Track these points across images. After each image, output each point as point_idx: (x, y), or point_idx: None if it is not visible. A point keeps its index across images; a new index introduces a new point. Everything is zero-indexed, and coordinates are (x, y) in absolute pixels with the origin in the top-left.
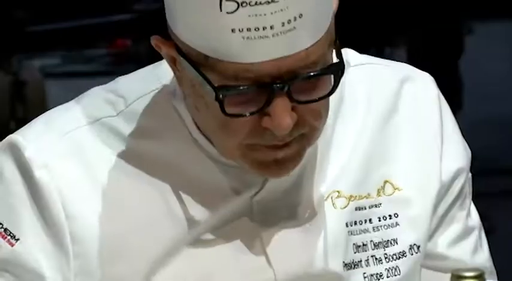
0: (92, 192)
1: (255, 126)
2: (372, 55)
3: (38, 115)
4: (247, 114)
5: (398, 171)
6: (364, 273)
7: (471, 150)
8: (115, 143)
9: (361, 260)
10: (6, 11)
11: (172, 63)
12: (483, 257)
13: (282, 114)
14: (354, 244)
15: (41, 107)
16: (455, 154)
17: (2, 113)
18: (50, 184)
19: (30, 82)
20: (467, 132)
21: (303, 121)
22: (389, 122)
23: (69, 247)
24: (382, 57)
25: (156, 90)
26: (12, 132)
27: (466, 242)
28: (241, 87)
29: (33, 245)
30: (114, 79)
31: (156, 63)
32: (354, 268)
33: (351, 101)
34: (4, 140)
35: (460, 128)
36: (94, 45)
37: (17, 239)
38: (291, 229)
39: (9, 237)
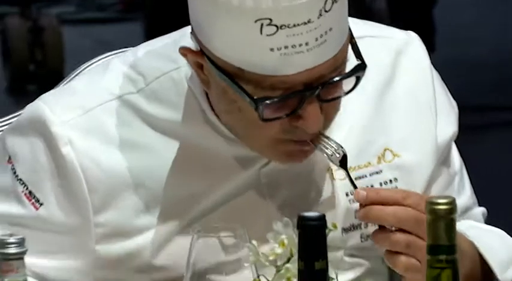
0: (117, 165)
1: (287, 126)
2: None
3: (55, 58)
4: (283, 116)
5: (397, 139)
6: (362, 234)
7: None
8: (135, 119)
9: (360, 223)
10: None
11: (198, 68)
12: (466, 197)
13: (315, 117)
14: (355, 210)
15: (58, 51)
16: (448, 120)
17: (22, 56)
18: (74, 160)
19: (47, 28)
20: (440, 73)
21: (327, 116)
22: (387, 94)
23: (91, 217)
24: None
25: (174, 71)
26: (31, 74)
27: (451, 188)
28: (276, 99)
29: (56, 213)
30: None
31: (174, 39)
32: (352, 231)
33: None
34: (32, 108)
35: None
36: None
37: (41, 204)
38: (294, 201)
39: (33, 200)
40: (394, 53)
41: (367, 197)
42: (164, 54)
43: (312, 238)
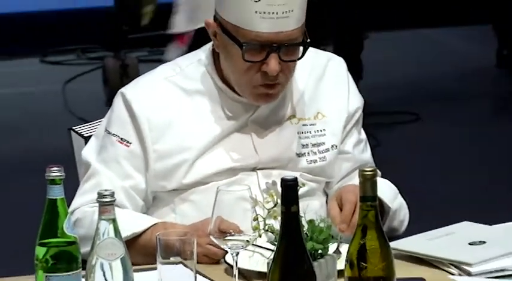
0: (164, 116)
1: (257, 70)
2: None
3: None
4: (256, 61)
5: (325, 106)
6: (307, 159)
7: (368, 101)
8: (174, 89)
9: (305, 153)
10: (118, 26)
11: (214, 36)
12: (368, 155)
13: (274, 64)
14: (301, 143)
15: None
16: (355, 99)
17: (115, 83)
18: (141, 113)
19: (130, 65)
20: (366, 90)
21: (282, 73)
22: (320, 80)
23: (151, 149)
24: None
25: (196, 62)
26: None
27: (359, 146)
28: (253, 44)
29: (135, 146)
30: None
31: (193, 52)
32: (301, 156)
33: (302, 70)
34: (116, 94)
35: (360, 88)
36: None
37: (130, 143)
38: (270, 133)
39: (124, 142)
40: (326, 60)
41: (349, 227)
42: (190, 55)
43: (289, 192)
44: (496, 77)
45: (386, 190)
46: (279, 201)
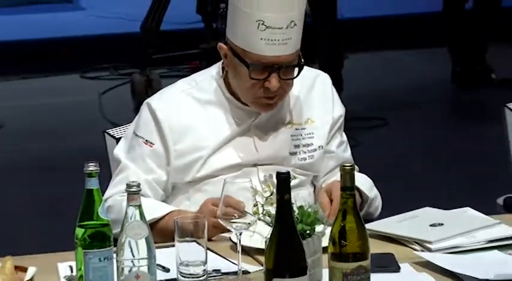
0: (182, 121)
1: (260, 86)
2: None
3: None
4: (260, 79)
5: (314, 114)
6: (298, 157)
7: (348, 109)
8: (191, 100)
9: (297, 152)
10: (144, 49)
11: (224, 57)
12: (348, 154)
13: (275, 82)
14: (293, 144)
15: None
16: (338, 108)
17: (141, 94)
18: (163, 119)
19: (154, 80)
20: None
21: (281, 88)
22: (310, 93)
23: (171, 147)
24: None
25: (209, 77)
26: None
27: (341, 146)
28: (258, 65)
29: (158, 147)
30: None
31: (207, 69)
32: (293, 155)
33: (295, 84)
34: (142, 104)
35: (341, 98)
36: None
37: (153, 144)
38: (268, 136)
39: (149, 143)
40: (315, 76)
41: (330, 215)
42: (203, 72)
43: (283, 183)
44: (450, 90)
45: (365, 182)
46: (275, 191)
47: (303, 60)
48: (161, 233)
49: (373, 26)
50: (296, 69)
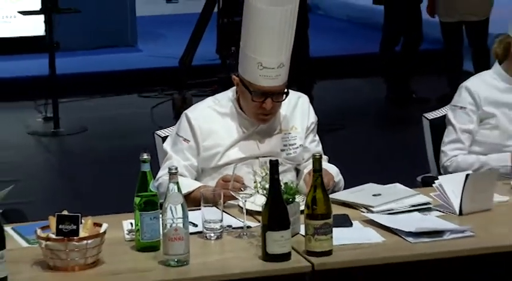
0: (208, 127)
1: (259, 106)
2: None
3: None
4: (259, 101)
5: (297, 123)
6: (286, 153)
7: (319, 118)
8: (214, 112)
9: (285, 149)
10: (181, 76)
11: (236, 85)
12: (319, 148)
13: (269, 104)
14: (283, 144)
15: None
16: (312, 117)
17: (179, 108)
18: (196, 124)
19: (187, 98)
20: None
21: (273, 108)
22: (295, 109)
23: (201, 145)
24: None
25: (227, 97)
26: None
27: (314, 143)
28: (257, 92)
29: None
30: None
31: (226, 91)
32: (283, 151)
33: (284, 103)
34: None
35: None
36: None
37: (189, 141)
38: (266, 138)
39: (186, 141)
40: (297, 97)
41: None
42: (224, 93)
43: (273, 167)
44: (385, 105)
45: (333, 170)
46: (269, 172)
47: (287, 89)
48: (192, 201)
49: (333, 62)
50: (284, 95)
